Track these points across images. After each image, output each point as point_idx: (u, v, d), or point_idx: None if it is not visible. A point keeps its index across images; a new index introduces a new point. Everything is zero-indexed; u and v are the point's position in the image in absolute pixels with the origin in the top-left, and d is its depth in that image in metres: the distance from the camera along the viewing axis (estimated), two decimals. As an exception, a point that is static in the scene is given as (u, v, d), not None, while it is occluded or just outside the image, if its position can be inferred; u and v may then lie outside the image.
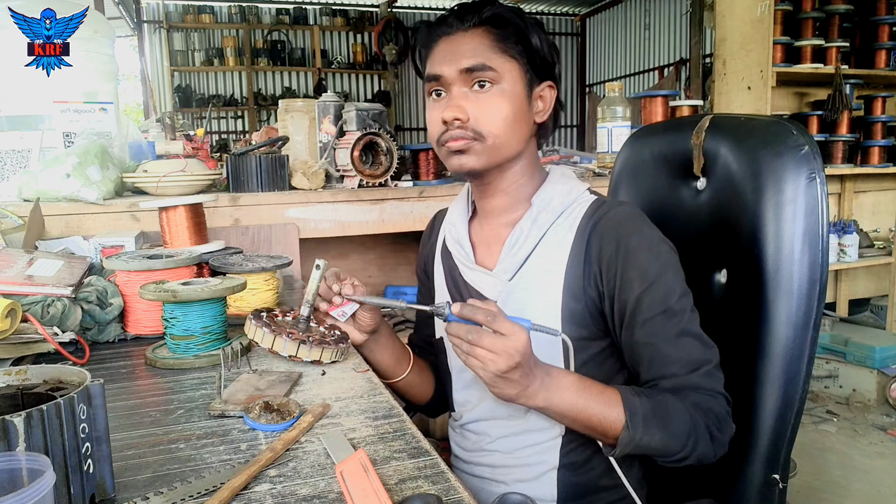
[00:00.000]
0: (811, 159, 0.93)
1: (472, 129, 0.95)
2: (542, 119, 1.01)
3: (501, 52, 0.95)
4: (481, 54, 0.95)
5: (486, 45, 0.95)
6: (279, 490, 0.67)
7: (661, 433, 0.86)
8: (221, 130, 8.46)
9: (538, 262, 0.98)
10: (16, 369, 0.67)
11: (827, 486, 2.42)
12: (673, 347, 0.90)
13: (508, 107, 0.95)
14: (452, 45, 0.97)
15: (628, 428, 0.86)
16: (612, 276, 0.93)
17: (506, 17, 0.96)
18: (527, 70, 0.97)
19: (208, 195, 1.67)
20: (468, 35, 0.96)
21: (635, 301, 0.91)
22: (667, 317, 0.90)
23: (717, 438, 0.88)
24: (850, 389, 3.16)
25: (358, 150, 2.02)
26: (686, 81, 6.51)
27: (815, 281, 0.92)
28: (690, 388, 0.89)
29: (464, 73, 0.95)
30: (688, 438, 0.87)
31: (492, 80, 0.95)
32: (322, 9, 8.60)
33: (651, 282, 0.91)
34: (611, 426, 0.87)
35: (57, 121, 1.93)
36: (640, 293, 0.91)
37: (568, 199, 1.00)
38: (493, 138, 0.96)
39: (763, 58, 3.27)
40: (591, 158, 2.50)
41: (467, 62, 0.95)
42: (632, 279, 0.92)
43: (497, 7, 0.96)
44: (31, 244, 1.49)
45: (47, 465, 0.51)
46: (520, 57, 0.96)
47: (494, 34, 0.95)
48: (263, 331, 0.98)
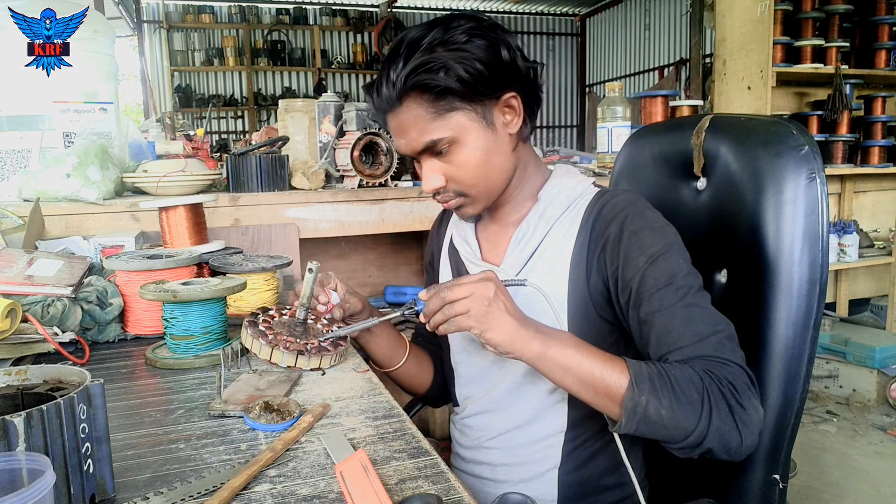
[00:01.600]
0: (811, 159, 0.93)
1: (454, 191, 0.97)
2: (517, 128, 0.96)
3: (440, 115, 0.91)
4: (424, 130, 0.92)
5: (423, 117, 0.91)
6: (279, 490, 0.67)
7: (669, 398, 0.79)
8: (221, 130, 8.45)
9: (545, 255, 0.98)
10: (16, 369, 0.67)
11: (827, 486, 2.42)
12: (679, 320, 0.86)
13: (475, 156, 0.93)
14: (398, 124, 0.94)
15: (633, 387, 0.80)
16: (616, 257, 0.92)
17: (428, 84, 0.89)
18: (476, 105, 0.92)
19: (208, 195, 1.67)
20: (403, 110, 0.92)
21: (640, 278, 0.89)
22: (672, 289, 0.87)
23: (737, 411, 0.80)
24: (850, 389, 3.16)
25: (358, 150, 2.02)
26: (686, 81, 6.51)
27: (815, 281, 0.92)
28: (700, 357, 0.84)
29: (420, 152, 0.94)
30: (702, 406, 0.79)
31: (448, 144, 0.92)
32: (322, 9, 8.60)
33: (655, 257, 0.89)
34: (614, 385, 0.81)
35: (57, 121, 1.93)
36: (644, 269, 0.89)
37: (574, 192, 1.00)
38: (475, 190, 0.97)
39: (763, 58, 3.27)
40: (591, 158, 2.50)
41: (417, 144, 0.93)
42: (635, 256, 0.90)
43: (416, 68, 0.88)
44: (31, 244, 1.48)
45: (47, 465, 0.51)
46: (461, 103, 0.91)
47: (426, 99, 0.90)
48: (260, 342, 0.97)
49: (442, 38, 0.89)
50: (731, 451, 0.82)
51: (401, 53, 0.90)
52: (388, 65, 0.91)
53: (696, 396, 0.80)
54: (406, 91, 0.90)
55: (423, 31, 0.90)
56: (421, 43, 0.89)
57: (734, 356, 0.84)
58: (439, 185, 0.96)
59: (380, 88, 0.93)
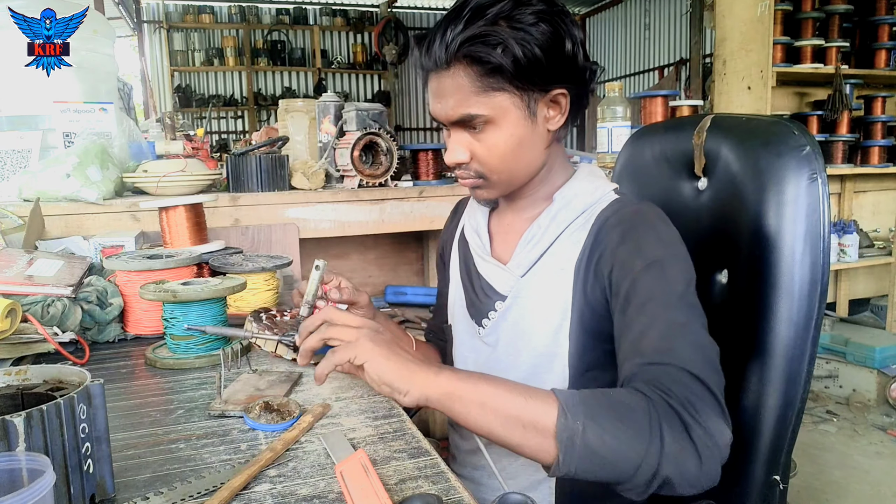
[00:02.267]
0: (812, 159, 0.93)
1: (475, 170, 0.94)
2: (557, 125, 0.93)
3: (486, 91, 0.87)
4: (465, 102, 0.88)
5: (469, 87, 0.87)
6: (279, 490, 0.67)
7: (610, 419, 0.68)
8: (221, 130, 8.46)
9: (552, 259, 0.95)
10: (16, 369, 0.67)
11: (827, 486, 2.42)
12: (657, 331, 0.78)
13: (507, 142, 0.90)
14: (438, 87, 0.90)
15: (565, 412, 0.67)
16: (612, 259, 0.88)
17: (481, 57, 0.85)
18: (522, 93, 0.88)
19: (208, 195, 1.67)
20: (450, 74, 0.88)
21: (631, 281, 0.84)
22: (662, 300, 0.80)
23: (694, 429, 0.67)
24: (850, 389, 3.16)
25: (358, 150, 2.02)
26: (686, 81, 6.51)
27: (816, 281, 0.92)
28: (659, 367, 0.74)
29: (455, 122, 0.91)
30: (650, 424, 0.67)
31: (485, 123, 0.89)
32: (322, 9, 8.60)
33: (652, 263, 0.83)
34: (542, 414, 0.69)
35: (57, 121, 1.93)
36: (638, 273, 0.83)
37: (591, 198, 0.96)
38: (496, 175, 0.94)
39: (763, 58, 3.27)
40: (591, 158, 2.50)
41: (454, 113, 0.89)
42: (631, 259, 0.85)
43: (473, 37, 0.85)
44: (31, 244, 1.48)
45: (47, 465, 0.51)
46: (509, 85, 0.87)
47: (475, 71, 0.86)
48: (265, 335, 0.98)
49: (509, 12, 0.85)
50: (691, 479, 0.68)
51: (463, 16, 0.85)
52: (446, 23, 0.87)
53: (643, 415, 0.68)
54: (458, 57, 0.86)
55: (481, 9, 0.86)
56: (487, 11, 0.85)
57: (703, 374, 0.72)
58: (462, 160, 0.93)
59: (431, 45, 0.88)
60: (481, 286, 1.04)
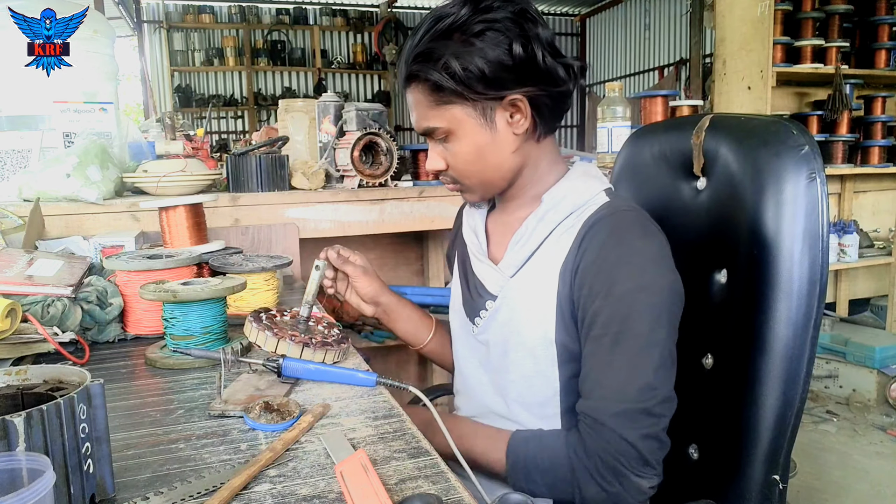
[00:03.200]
0: (811, 159, 0.93)
1: (451, 177, 1.00)
2: (523, 128, 0.93)
3: (438, 105, 0.92)
4: (424, 115, 0.95)
5: (424, 103, 0.94)
6: (279, 490, 0.67)
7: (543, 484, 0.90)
8: (221, 130, 8.45)
9: (540, 261, 0.96)
10: (16, 369, 0.67)
11: (827, 486, 2.42)
12: (606, 370, 0.86)
13: (468, 150, 0.95)
14: (409, 100, 0.98)
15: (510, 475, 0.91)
16: (584, 282, 0.89)
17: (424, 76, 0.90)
18: (475, 103, 0.90)
19: (208, 195, 1.67)
20: (410, 91, 0.96)
21: (592, 314, 0.87)
22: (615, 340, 0.85)
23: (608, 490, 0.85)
24: (850, 389, 3.16)
25: (358, 150, 2.02)
26: (686, 81, 6.51)
27: (815, 281, 0.92)
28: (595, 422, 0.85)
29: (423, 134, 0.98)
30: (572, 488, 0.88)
31: (445, 134, 0.95)
32: (322, 9, 8.60)
33: (617, 299, 0.85)
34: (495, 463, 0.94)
35: (57, 121, 1.93)
36: (599, 306, 0.86)
37: (581, 198, 0.96)
38: (468, 181, 0.99)
39: (763, 58, 3.27)
40: (591, 158, 2.50)
41: (419, 127, 0.97)
42: (599, 291, 0.87)
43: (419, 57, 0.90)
44: (31, 244, 1.49)
45: (47, 465, 0.51)
46: (458, 97, 0.90)
47: (426, 88, 0.92)
48: (266, 334, 0.98)
49: (463, 22, 0.88)
50: None
51: (419, 30, 0.92)
52: (411, 37, 0.94)
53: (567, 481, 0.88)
54: (410, 74, 0.93)
55: (454, 9, 0.89)
56: (440, 25, 0.89)
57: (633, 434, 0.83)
58: (439, 168, 0.99)
59: (398, 62, 0.97)
60: (475, 285, 1.06)
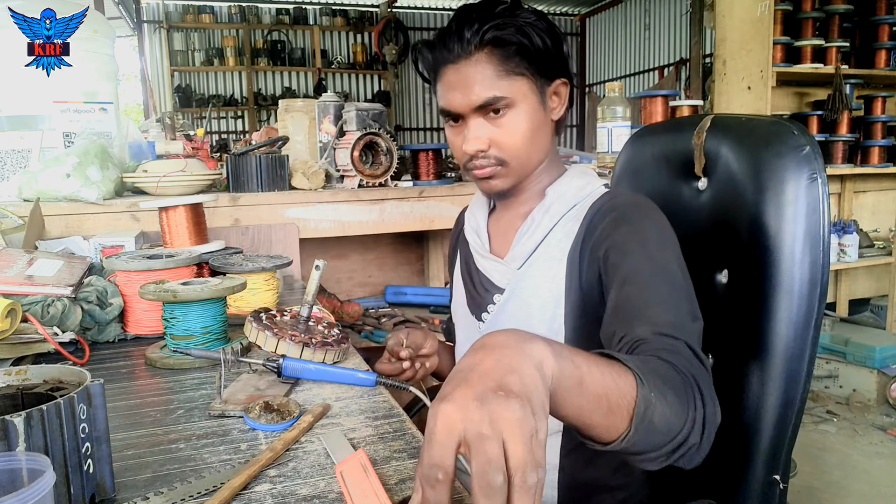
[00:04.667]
0: (812, 160, 0.93)
1: (495, 157, 0.96)
2: (560, 115, 1.00)
3: (509, 75, 0.92)
4: (490, 85, 0.92)
5: (492, 73, 0.92)
6: (279, 490, 0.67)
7: (668, 396, 0.67)
8: (221, 130, 8.45)
9: (547, 251, 0.98)
10: (16, 369, 0.67)
11: (827, 486, 2.42)
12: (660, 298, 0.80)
13: (526, 125, 0.95)
14: (459, 77, 0.93)
15: (642, 383, 0.64)
16: (606, 241, 0.89)
17: (507, 39, 0.91)
18: (536, 79, 0.95)
19: (208, 195, 1.67)
20: (472, 62, 0.92)
21: (631, 262, 0.85)
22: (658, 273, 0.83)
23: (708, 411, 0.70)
24: (850, 389, 3.16)
25: (358, 150, 2.02)
26: (686, 81, 6.51)
27: (815, 281, 0.92)
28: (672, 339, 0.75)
29: (477, 108, 0.94)
30: (687, 406, 0.68)
31: (506, 106, 0.93)
32: (322, 9, 8.59)
33: (646, 243, 0.86)
34: (624, 394, 0.64)
35: (57, 121, 1.93)
36: (634, 252, 0.85)
37: (582, 192, 1.00)
38: (515, 160, 0.97)
39: (763, 58, 3.27)
40: (591, 158, 2.50)
41: (478, 98, 0.92)
42: (627, 240, 0.87)
43: (497, 25, 0.91)
44: (31, 244, 1.48)
45: (47, 465, 0.51)
46: (527, 70, 0.93)
47: (498, 56, 0.92)
48: (266, 334, 0.98)
49: (513, 11, 0.93)
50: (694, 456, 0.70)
51: (474, 16, 0.92)
52: (458, 23, 0.93)
53: (684, 388, 0.70)
54: (482, 45, 0.91)
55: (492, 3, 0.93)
56: (495, 10, 0.92)
57: (704, 359, 0.75)
58: (482, 148, 0.95)
59: (447, 40, 0.93)
60: (480, 281, 1.06)
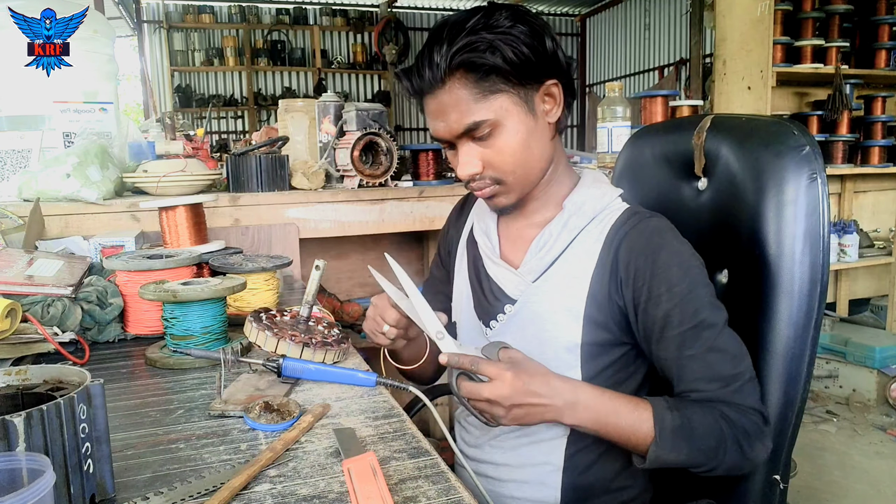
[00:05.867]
0: (812, 160, 0.93)
1: (490, 178, 0.95)
2: (556, 116, 0.97)
3: (486, 96, 0.89)
4: (467, 111, 0.90)
5: (468, 97, 0.89)
6: (279, 490, 0.67)
7: (687, 448, 0.86)
8: (221, 130, 8.45)
9: (565, 266, 0.97)
10: (16, 369, 0.67)
11: (827, 486, 2.42)
12: (701, 363, 0.89)
13: (515, 141, 0.92)
14: (437, 107, 0.92)
15: (657, 443, 0.86)
16: (641, 289, 0.92)
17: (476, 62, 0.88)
18: (518, 91, 0.91)
19: (208, 195, 1.66)
20: (446, 90, 0.90)
21: (664, 317, 0.90)
22: (696, 332, 0.89)
23: (747, 453, 0.87)
24: (850, 389, 3.16)
25: (358, 150, 2.02)
26: (686, 81, 6.50)
27: (815, 281, 0.92)
28: (719, 402, 0.89)
29: (461, 135, 0.92)
30: (716, 452, 0.87)
31: (490, 127, 0.91)
32: (322, 9, 8.59)
33: (681, 298, 0.90)
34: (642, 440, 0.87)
35: (57, 121, 1.93)
36: (669, 309, 0.90)
37: (600, 203, 0.99)
38: (513, 177, 0.95)
39: (763, 58, 3.27)
40: (591, 158, 2.50)
41: (459, 126, 0.91)
42: (661, 294, 0.90)
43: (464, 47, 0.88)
44: (31, 244, 1.48)
45: (47, 465, 0.51)
46: (506, 85, 0.90)
47: (472, 79, 0.89)
48: (266, 334, 0.98)
49: (486, 22, 0.89)
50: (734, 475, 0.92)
51: (444, 36, 0.89)
52: (430, 47, 0.91)
53: (712, 443, 0.86)
54: (451, 71, 0.89)
55: (465, 16, 0.90)
56: (465, 26, 0.89)
57: (752, 400, 0.89)
58: (476, 171, 0.94)
59: (421, 70, 0.91)
60: (490, 288, 1.05)
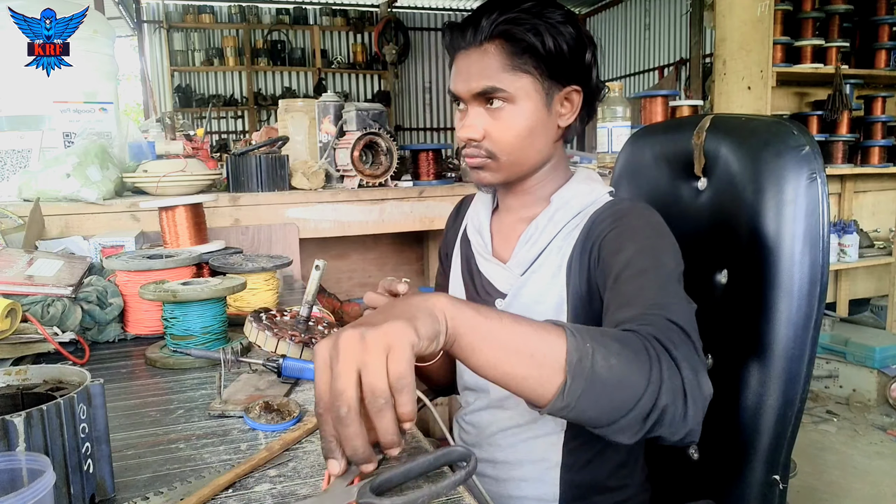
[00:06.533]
0: (812, 159, 0.93)
1: (486, 149, 0.97)
2: (568, 122, 0.99)
3: (514, 70, 0.92)
4: (491, 76, 0.93)
5: (497, 65, 0.92)
6: (279, 490, 0.67)
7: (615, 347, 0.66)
8: (221, 130, 8.45)
9: (551, 258, 0.98)
10: (16, 369, 0.67)
11: (827, 486, 2.42)
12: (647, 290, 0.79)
13: (523, 123, 0.95)
14: (466, 64, 0.95)
15: (574, 336, 0.65)
16: (605, 244, 0.90)
17: (517, 35, 0.91)
18: (544, 81, 0.94)
19: (208, 195, 1.67)
20: (480, 52, 0.93)
21: (625, 260, 0.85)
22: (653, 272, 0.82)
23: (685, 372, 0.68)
24: (850, 389, 3.16)
25: (358, 150, 2.02)
26: (686, 81, 6.50)
27: (815, 281, 0.92)
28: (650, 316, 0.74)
29: (476, 95, 0.95)
30: (649, 358, 0.66)
31: (504, 99, 0.93)
32: (322, 9, 8.59)
33: (644, 247, 0.86)
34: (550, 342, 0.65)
35: (57, 121, 1.93)
36: (632, 251, 0.86)
37: (587, 199, 1.00)
38: (506, 156, 0.96)
39: (763, 58, 3.27)
40: (591, 158, 2.50)
41: (477, 86, 0.93)
42: (625, 241, 0.88)
43: (511, 20, 0.92)
44: (31, 244, 1.48)
45: (47, 465, 0.51)
46: (535, 70, 0.93)
47: (507, 49, 0.92)
48: (266, 334, 0.98)
49: (539, 11, 0.92)
50: (679, 421, 0.67)
51: (497, 4, 0.92)
52: (479, 11, 0.94)
53: (642, 346, 0.68)
54: (492, 37, 0.92)
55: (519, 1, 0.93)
56: (520, 5, 0.92)
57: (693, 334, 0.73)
58: (475, 137, 0.96)
59: (464, 28, 0.95)
60: (482, 284, 1.06)
